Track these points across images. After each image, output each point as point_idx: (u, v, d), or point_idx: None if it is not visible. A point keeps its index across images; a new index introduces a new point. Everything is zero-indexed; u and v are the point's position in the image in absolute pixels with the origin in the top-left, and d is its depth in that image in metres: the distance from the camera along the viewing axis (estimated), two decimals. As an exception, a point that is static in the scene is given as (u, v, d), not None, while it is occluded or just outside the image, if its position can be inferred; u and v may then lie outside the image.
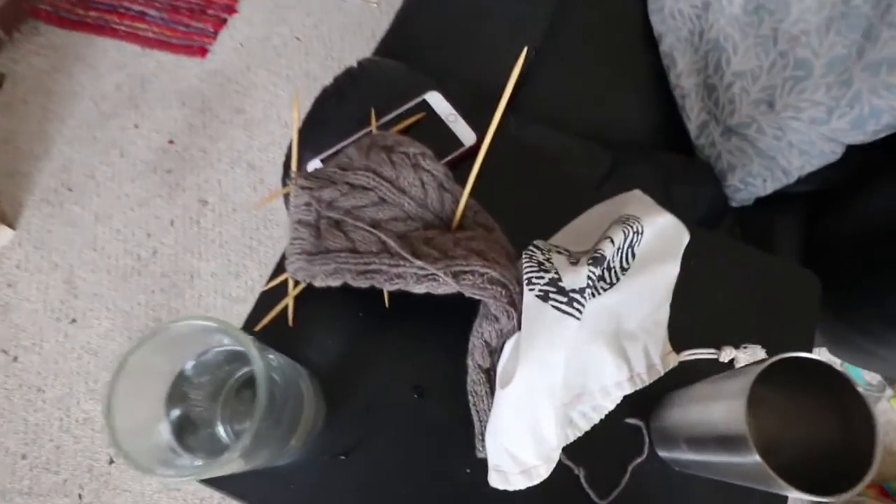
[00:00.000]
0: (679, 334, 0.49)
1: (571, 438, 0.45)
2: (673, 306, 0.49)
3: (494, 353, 0.45)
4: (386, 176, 0.50)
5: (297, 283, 0.50)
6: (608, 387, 0.45)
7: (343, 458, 0.46)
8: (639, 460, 0.46)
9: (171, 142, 1.31)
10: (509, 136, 0.69)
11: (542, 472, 0.41)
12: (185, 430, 0.34)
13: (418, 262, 0.44)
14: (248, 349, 0.31)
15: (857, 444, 0.33)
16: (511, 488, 0.41)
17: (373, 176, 0.49)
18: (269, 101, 1.35)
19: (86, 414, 1.11)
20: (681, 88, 0.81)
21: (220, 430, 0.39)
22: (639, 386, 0.46)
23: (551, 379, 0.39)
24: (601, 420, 0.47)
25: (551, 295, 0.40)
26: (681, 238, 0.49)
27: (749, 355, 0.49)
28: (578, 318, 0.39)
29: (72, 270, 1.20)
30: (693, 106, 0.79)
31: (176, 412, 0.34)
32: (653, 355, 0.46)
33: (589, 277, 0.41)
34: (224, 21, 1.47)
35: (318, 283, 0.46)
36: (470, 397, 0.45)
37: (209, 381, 0.36)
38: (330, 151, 0.55)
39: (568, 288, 0.40)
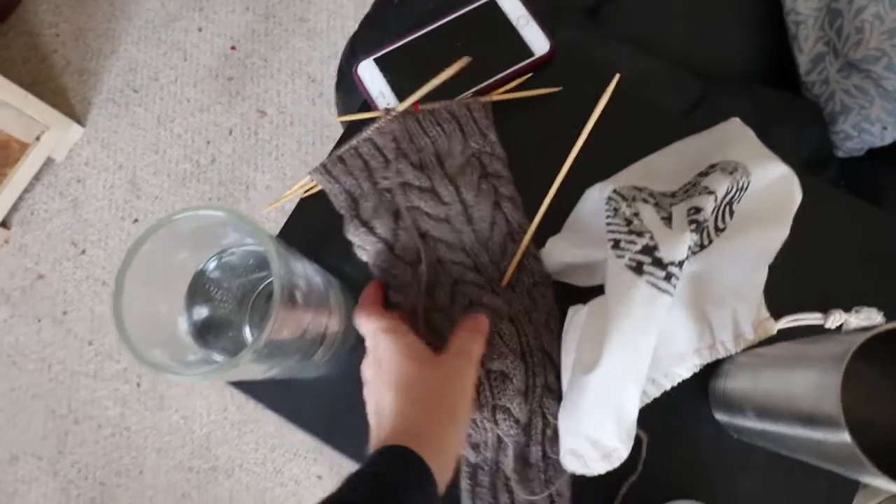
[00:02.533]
0: (776, 297, 0.42)
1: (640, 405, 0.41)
2: (770, 265, 0.42)
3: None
4: (464, 199, 0.45)
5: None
6: (685, 354, 0.39)
7: (373, 380, 0.43)
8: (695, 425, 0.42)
9: (233, 48, 1.29)
10: (587, 53, 0.61)
11: (623, 454, 0.37)
12: (209, 331, 0.32)
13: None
14: (263, 241, 0.27)
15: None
16: (590, 473, 0.38)
17: (454, 193, 0.45)
18: (334, 10, 1.29)
19: (144, 310, 1.16)
20: (796, 13, 0.69)
21: (247, 335, 0.37)
22: (721, 355, 0.40)
23: (640, 363, 0.34)
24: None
25: (646, 267, 0.34)
26: (792, 196, 0.40)
27: (863, 319, 0.42)
28: (672, 296, 0.33)
29: (135, 171, 1.23)
30: (808, 35, 0.68)
31: (199, 311, 0.32)
32: (742, 322, 0.40)
33: (689, 247, 0.35)
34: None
35: (348, 235, 0.45)
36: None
37: (237, 284, 0.34)
38: (385, 50, 0.50)
39: (666, 260, 0.34)
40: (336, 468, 1.08)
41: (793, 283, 0.42)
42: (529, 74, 0.49)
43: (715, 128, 0.44)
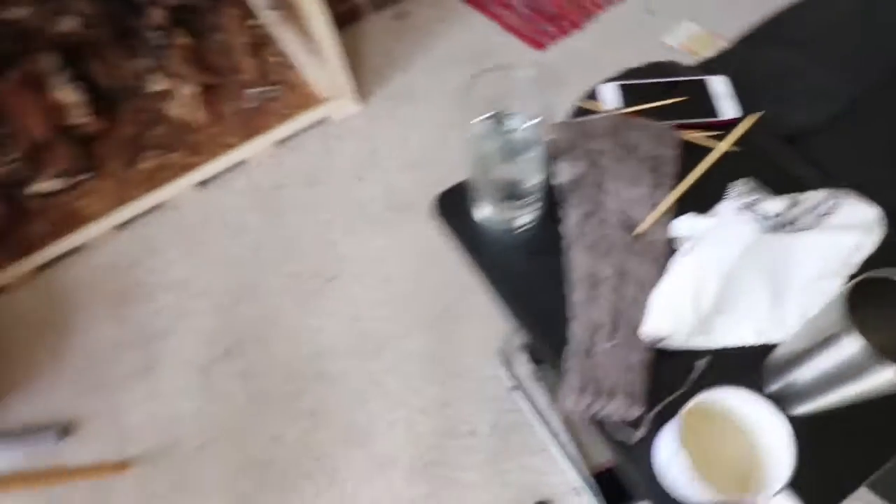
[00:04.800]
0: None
1: (703, 346, 0.55)
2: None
3: None
4: (636, 174, 0.66)
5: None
6: (762, 328, 0.54)
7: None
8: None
9: (486, 96, 1.66)
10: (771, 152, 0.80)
11: (679, 340, 0.53)
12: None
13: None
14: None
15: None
16: (660, 336, 0.53)
17: (632, 167, 0.66)
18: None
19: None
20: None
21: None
22: (780, 338, 0.54)
23: (722, 264, 0.51)
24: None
25: (749, 209, 0.53)
26: (875, 226, 0.55)
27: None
28: (760, 229, 0.51)
29: (378, 147, 1.60)
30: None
31: (492, 134, 0.56)
32: (805, 316, 0.54)
33: (778, 214, 0.52)
34: (567, 32, 1.78)
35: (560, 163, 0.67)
36: None
37: (516, 143, 0.57)
38: (625, 81, 0.74)
39: (762, 210, 0.52)
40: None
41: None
42: (720, 132, 0.70)
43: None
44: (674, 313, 0.52)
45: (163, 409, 1.30)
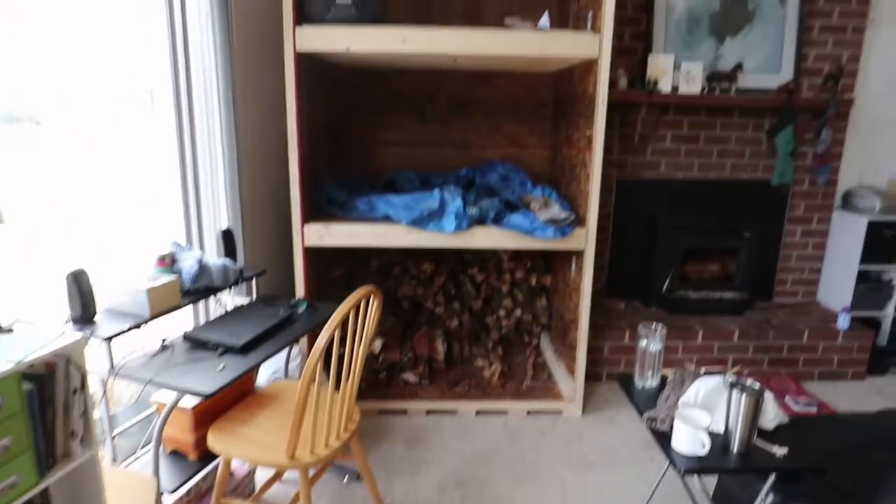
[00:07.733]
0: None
1: (702, 420, 1.44)
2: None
3: None
4: None
5: None
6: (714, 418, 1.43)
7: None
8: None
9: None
10: None
11: (688, 411, 1.45)
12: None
13: None
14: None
15: None
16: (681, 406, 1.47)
17: None
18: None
19: (540, 463, 2.38)
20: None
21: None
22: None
23: (707, 387, 1.47)
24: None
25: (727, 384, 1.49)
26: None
27: None
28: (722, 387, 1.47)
29: (582, 438, 2.57)
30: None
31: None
32: None
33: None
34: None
35: None
36: None
37: None
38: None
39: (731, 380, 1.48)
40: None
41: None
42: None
43: None
44: (686, 398, 1.45)
45: (412, 490, 2.21)
